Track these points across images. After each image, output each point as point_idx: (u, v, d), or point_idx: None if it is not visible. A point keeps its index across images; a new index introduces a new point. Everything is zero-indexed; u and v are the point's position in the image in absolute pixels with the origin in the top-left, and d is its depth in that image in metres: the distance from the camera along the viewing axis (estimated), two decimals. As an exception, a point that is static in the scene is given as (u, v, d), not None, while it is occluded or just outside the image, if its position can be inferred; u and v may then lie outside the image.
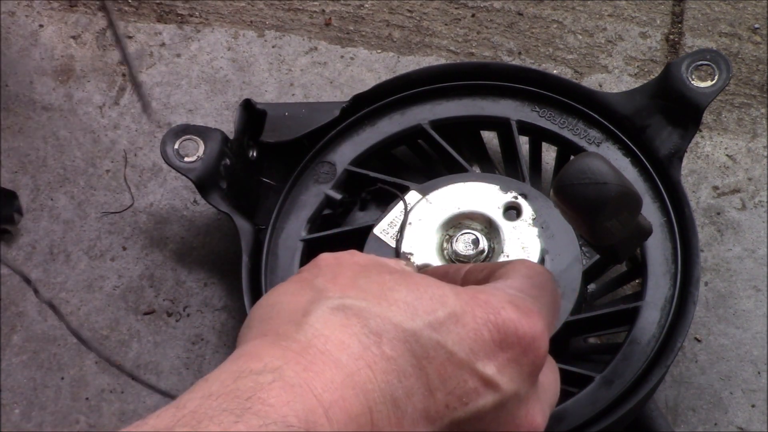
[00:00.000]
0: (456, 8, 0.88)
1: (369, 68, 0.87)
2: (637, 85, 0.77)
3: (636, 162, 0.73)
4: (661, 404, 0.73)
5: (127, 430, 0.43)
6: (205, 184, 0.73)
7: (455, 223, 0.67)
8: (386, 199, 0.72)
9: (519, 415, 0.52)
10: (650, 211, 0.71)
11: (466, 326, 0.50)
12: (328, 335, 0.48)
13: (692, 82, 0.72)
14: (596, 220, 0.56)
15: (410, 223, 0.67)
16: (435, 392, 0.49)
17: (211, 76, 0.86)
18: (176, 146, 0.74)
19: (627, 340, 0.67)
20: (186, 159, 0.73)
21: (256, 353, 0.47)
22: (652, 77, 0.77)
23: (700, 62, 0.72)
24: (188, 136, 0.74)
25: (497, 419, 0.51)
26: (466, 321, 0.50)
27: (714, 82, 0.72)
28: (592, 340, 0.75)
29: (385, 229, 0.69)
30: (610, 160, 0.60)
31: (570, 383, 0.67)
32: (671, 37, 0.87)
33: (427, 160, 0.79)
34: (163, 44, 0.87)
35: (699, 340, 0.76)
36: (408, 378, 0.49)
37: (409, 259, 0.65)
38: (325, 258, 0.55)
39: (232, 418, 0.43)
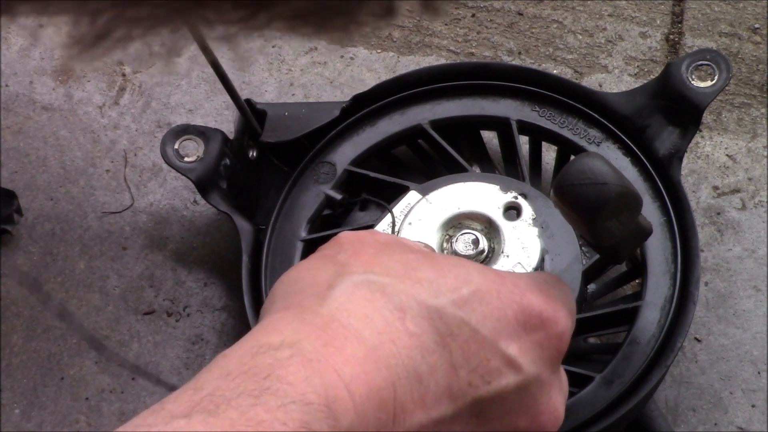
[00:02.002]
0: (456, 8, 0.88)
1: (369, 68, 0.87)
2: (637, 85, 0.77)
3: (636, 162, 0.73)
4: (661, 404, 0.73)
5: (146, 414, 0.43)
6: (205, 184, 0.73)
7: (455, 223, 0.67)
8: (386, 199, 0.72)
9: (542, 401, 0.52)
10: (650, 211, 0.71)
11: (490, 305, 0.50)
12: (351, 309, 0.48)
13: (692, 82, 0.72)
14: (596, 220, 0.56)
15: (410, 223, 0.67)
16: (458, 369, 0.49)
17: (211, 76, 0.86)
18: (176, 146, 0.74)
19: (627, 340, 0.67)
20: (186, 159, 0.73)
21: (275, 327, 0.47)
22: (652, 77, 0.77)
23: (700, 62, 0.72)
24: (188, 136, 0.74)
25: (519, 402, 0.51)
26: (491, 299, 0.50)
27: (714, 82, 0.72)
28: (592, 340, 0.75)
29: (385, 229, 0.69)
30: (610, 160, 0.60)
31: (570, 383, 0.67)
32: (671, 37, 0.87)
33: (427, 160, 0.79)
34: (163, 44, 0.87)
35: (699, 340, 0.76)
36: (431, 354, 0.48)
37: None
38: (346, 235, 0.54)
39: (250, 401, 0.42)
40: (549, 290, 0.53)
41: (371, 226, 0.70)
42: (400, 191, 0.71)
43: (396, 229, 0.67)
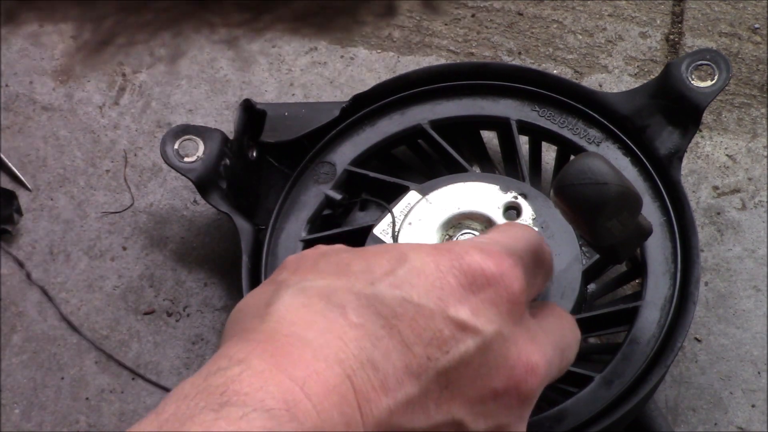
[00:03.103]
0: (456, 8, 0.88)
1: (369, 68, 0.87)
2: (637, 85, 0.77)
3: (636, 162, 0.73)
4: (661, 404, 0.73)
5: None
6: (205, 184, 0.73)
7: (455, 223, 0.67)
8: (386, 199, 0.72)
9: (510, 356, 0.51)
10: (650, 211, 0.71)
11: (429, 276, 0.50)
12: (291, 318, 0.48)
13: (692, 82, 0.72)
14: (596, 220, 0.56)
15: (410, 223, 0.67)
16: (412, 347, 0.49)
17: (211, 76, 0.86)
18: (176, 146, 0.74)
19: (627, 340, 0.67)
20: (186, 159, 0.73)
21: (222, 354, 0.47)
22: (652, 77, 0.77)
23: (700, 62, 0.72)
24: (188, 136, 0.74)
25: (486, 363, 0.50)
26: (429, 271, 0.50)
27: (714, 82, 0.72)
28: (592, 340, 0.75)
29: (384, 229, 0.69)
30: (610, 160, 0.60)
31: (570, 383, 0.67)
32: (671, 37, 0.87)
33: (427, 160, 0.79)
34: (163, 44, 0.87)
35: (699, 340, 0.76)
36: (381, 339, 0.48)
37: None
38: (289, 257, 0.55)
39: (212, 415, 0.43)
40: (490, 247, 0.52)
41: (371, 227, 0.70)
42: (400, 191, 0.71)
43: (396, 229, 0.67)
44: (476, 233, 0.66)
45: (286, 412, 0.44)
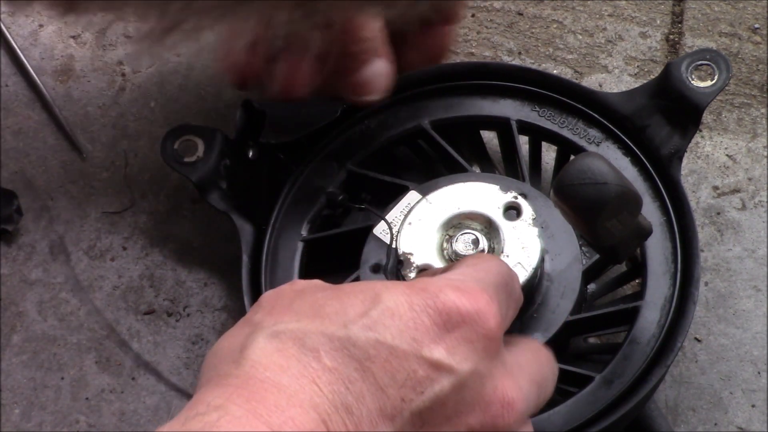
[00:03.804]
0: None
1: (369, 68, 0.87)
2: (637, 85, 0.77)
3: (636, 162, 0.73)
4: (661, 404, 0.73)
5: None
6: (205, 184, 0.73)
7: (455, 223, 0.67)
8: (386, 199, 0.72)
9: (486, 392, 0.51)
10: (650, 211, 0.71)
11: (403, 317, 0.50)
12: (266, 363, 0.49)
13: (692, 82, 0.72)
14: (596, 220, 0.56)
15: (410, 223, 0.67)
16: (386, 389, 0.49)
17: (211, 77, 0.86)
18: (176, 146, 0.74)
19: (627, 340, 0.67)
20: (186, 159, 0.73)
21: (199, 399, 0.48)
22: (652, 77, 0.77)
23: (700, 62, 0.72)
24: (188, 136, 0.74)
25: (462, 401, 0.50)
26: (403, 312, 0.50)
27: (714, 82, 0.72)
28: (592, 340, 0.75)
29: (385, 229, 0.69)
30: (610, 160, 0.60)
31: (570, 383, 0.67)
32: (671, 37, 0.87)
33: (427, 160, 0.79)
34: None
35: (699, 340, 0.76)
36: (355, 383, 0.49)
37: (409, 259, 0.65)
38: (266, 294, 0.55)
39: None
40: (465, 284, 0.52)
41: (371, 227, 0.70)
42: (400, 191, 0.71)
43: (395, 231, 0.67)
44: (476, 233, 0.66)
45: None
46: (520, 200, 0.67)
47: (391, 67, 0.71)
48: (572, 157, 0.75)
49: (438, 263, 0.65)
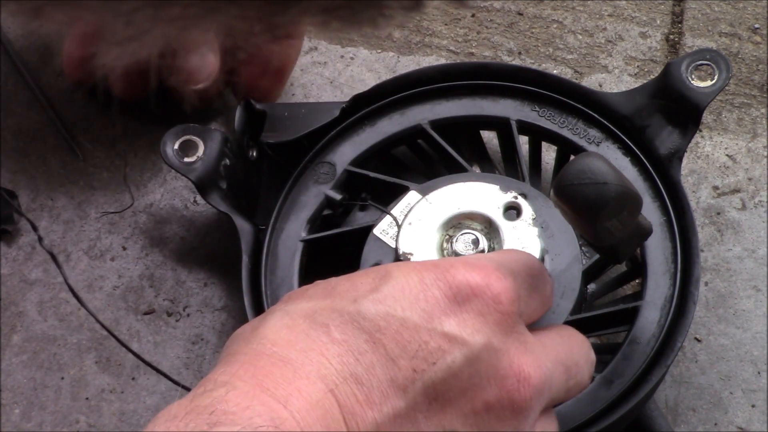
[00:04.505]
0: (456, 8, 0.88)
1: (369, 68, 0.87)
2: (637, 85, 0.77)
3: (636, 161, 0.73)
4: (661, 404, 0.73)
5: None
6: (205, 184, 0.73)
7: (455, 223, 0.67)
8: (387, 199, 0.72)
9: (501, 366, 0.51)
10: (650, 211, 0.71)
11: (413, 290, 0.50)
12: (274, 338, 0.49)
13: (692, 81, 0.72)
14: (596, 220, 0.56)
15: (410, 223, 0.67)
16: (397, 360, 0.49)
17: (211, 76, 0.86)
18: (176, 146, 0.74)
19: (627, 340, 0.67)
20: (186, 159, 0.73)
21: (208, 377, 0.48)
22: (652, 77, 0.77)
23: (700, 62, 0.72)
24: (188, 136, 0.74)
25: (476, 374, 0.50)
26: (413, 286, 0.50)
27: (714, 81, 0.72)
28: (592, 340, 0.75)
29: (384, 229, 0.69)
30: (610, 160, 0.60)
31: (570, 383, 0.67)
32: (671, 37, 0.87)
33: (427, 160, 0.79)
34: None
35: (699, 340, 0.76)
36: (365, 354, 0.49)
37: (409, 259, 0.65)
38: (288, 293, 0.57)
39: None
40: (478, 261, 0.52)
41: (371, 227, 0.70)
42: (400, 191, 0.71)
43: (396, 229, 0.67)
44: (476, 233, 0.66)
45: (274, 428, 0.45)
46: (520, 200, 0.67)
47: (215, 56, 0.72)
48: (572, 157, 0.75)
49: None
